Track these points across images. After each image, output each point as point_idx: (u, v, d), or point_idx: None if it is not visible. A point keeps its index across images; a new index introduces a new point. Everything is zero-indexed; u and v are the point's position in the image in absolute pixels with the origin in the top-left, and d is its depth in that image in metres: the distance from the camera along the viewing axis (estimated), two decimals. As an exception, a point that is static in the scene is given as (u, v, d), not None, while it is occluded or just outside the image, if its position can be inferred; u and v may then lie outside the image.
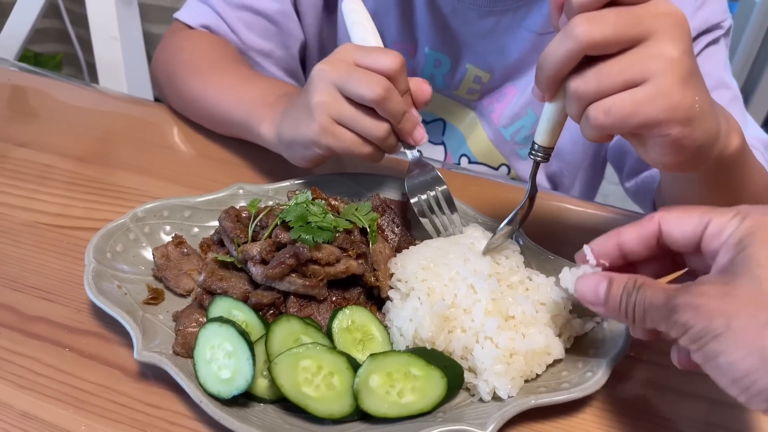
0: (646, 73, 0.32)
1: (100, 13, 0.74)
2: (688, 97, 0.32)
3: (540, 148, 0.38)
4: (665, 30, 0.32)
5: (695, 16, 0.52)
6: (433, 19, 0.56)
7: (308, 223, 0.40)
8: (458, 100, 0.60)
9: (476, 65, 0.57)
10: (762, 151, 0.52)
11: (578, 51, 0.32)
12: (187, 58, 0.57)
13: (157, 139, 0.61)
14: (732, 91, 0.53)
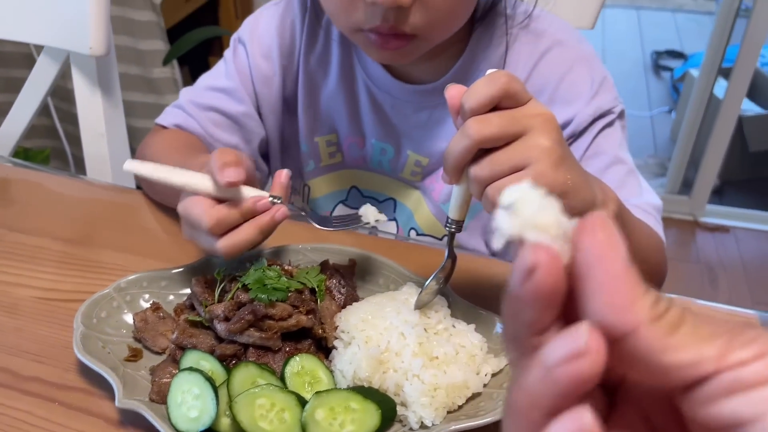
0: (527, 160, 0.41)
1: (88, 112, 0.83)
2: (560, 176, 0.41)
3: (453, 222, 0.47)
4: (538, 126, 0.41)
5: (590, 105, 0.61)
6: (376, 115, 0.66)
7: (265, 285, 0.48)
8: (404, 182, 0.69)
9: (416, 152, 0.66)
10: (655, 216, 0.61)
11: (473, 146, 0.41)
12: (155, 150, 0.65)
13: (138, 222, 0.69)
14: (627, 166, 0.62)
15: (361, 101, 0.66)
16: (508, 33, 0.62)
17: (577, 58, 0.62)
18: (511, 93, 0.41)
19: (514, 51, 0.63)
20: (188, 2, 1.65)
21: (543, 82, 0.62)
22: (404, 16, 0.52)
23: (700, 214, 2.02)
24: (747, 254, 1.89)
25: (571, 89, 0.61)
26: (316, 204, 0.73)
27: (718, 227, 1.99)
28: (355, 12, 0.53)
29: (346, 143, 0.69)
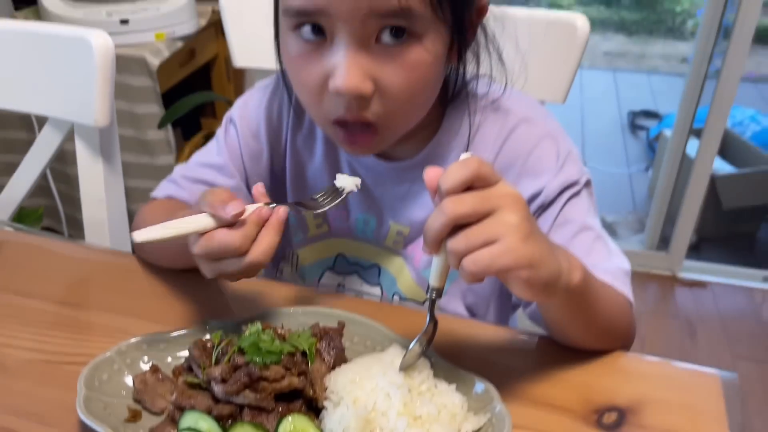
0: (497, 235, 0.45)
1: (89, 179, 0.87)
2: (528, 249, 0.46)
3: (434, 289, 0.52)
4: (507, 205, 0.46)
5: (557, 178, 0.66)
6: (360, 191, 0.70)
7: (259, 348, 0.51)
8: (388, 249, 0.73)
9: (397, 222, 0.71)
10: (623, 279, 0.64)
11: (449, 223, 0.46)
12: (148, 216, 0.70)
13: (134, 285, 0.72)
14: (595, 232, 0.66)
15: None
16: (474, 113, 0.67)
17: (543, 134, 0.67)
18: (482, 176, 0.46)
19: (484, 129, 0.68)
20: (183, 68, 1.72)
21: (512, 157, 0.67)
22: (366, 104, 0.57)
23: (678, 269, 2.08)
24: (724, 309, 1.94)
25: (539, 163, 0.66)
26: (304, 271, 0.77)
27: (695, 282, 2.05)
28: (323, 103, 0.58)
29: (332, 215, 0.73)
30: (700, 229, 2.25)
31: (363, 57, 0.54)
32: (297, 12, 0.55)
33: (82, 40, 0.79)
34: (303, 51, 0.57)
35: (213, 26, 1.80)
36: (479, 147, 0.68)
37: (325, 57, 0.56)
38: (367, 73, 0.55)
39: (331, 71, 0.55)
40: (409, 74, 0.56)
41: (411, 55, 0.55)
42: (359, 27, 0.53)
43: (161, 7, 1.57)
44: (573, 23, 0.84)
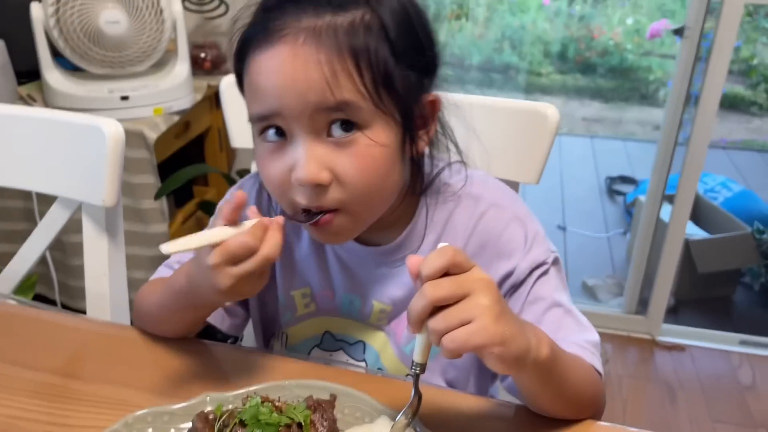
0: (472, 316, 0.52)
1: (93, 254, 0.92)
2: (500, 328, 0.52)
3: (417, 365, 0.57)
4: (480, 289, 0.53)
5: (526, 258, 0.71)
6: (344, 272, 0.76)
7: (259, 420, 0.56)
8: (372, 326, 0.78)
9: (380, 301, 0.76)
10: (592, 351, 0.70)
11: (429, 305, 0.52)
12: (145, 295, 0.76)
13: (137, 357, 0.76)
14: (564, 308, 0.71)
15: (329, 261, 0.77)
16: (447, 201, 0.74)
17: (511, 217, 0.73)
18: (457, 263, 0.53)
19: (456, 215, 0.74)
20: (178, 139, 1.79)
21: (484, 240, 0.73)
22: (325, 193, 0.63)
23: (656, 333, 2.13)
24: (703, 372, 1.99)
25: (509, 245, 0.72)
26: (293, 349, 0.82)
27: (674, 346, 2.10)
28: (288, 195, 0.65)
29: (319, 296, 0.78)
30: (678, 293, 2.32)
31: (318, 150, 0.62)
32: (258, 117, 0.64)
33: (95, 128, 0.85)
34: (268, 151, 0.65)
35: (208, 99, 1.89)
36: (452, 232, 0.74)
37: (287, 153, 0.63)
38: (323, 163, 0.62)
39: (293, 165, 0.63)
40: (361, 162, 0.63)
41: (360, 144, 0.62)
42: (310, 123, 0.61)
43: (160, 84, 1.65)
44: (544, 112, 0.92)
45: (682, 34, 1.83)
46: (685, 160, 1.95)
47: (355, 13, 0.61)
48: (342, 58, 0.60)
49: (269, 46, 0.61)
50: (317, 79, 0.59)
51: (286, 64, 0.60)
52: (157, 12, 1.58)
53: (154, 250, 1.69)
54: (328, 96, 0.60)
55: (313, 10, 0.60)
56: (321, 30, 0.60)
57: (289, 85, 0.60)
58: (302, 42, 0.60)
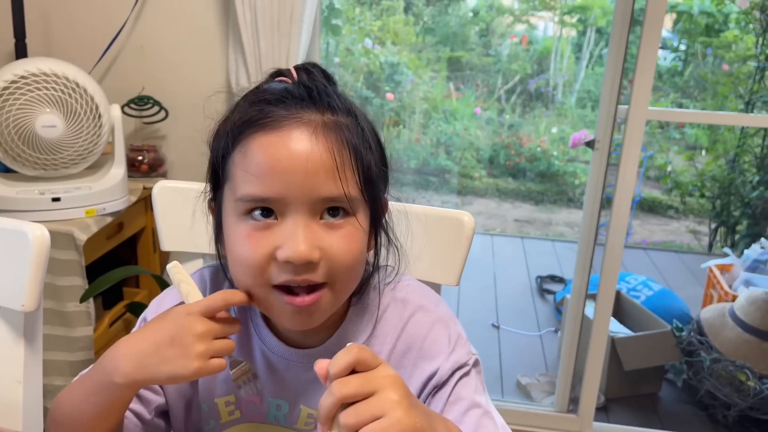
0: (383, 411, 0.54)
1: (8, 361, 0.88)
2: (411, 420, 0.54)
3: None
4: (388, 385, 0.55)
5: (449, 360, 0.74)
6: (272, 376, 0.77)
7: None
8: (299, 431, 0.78)
9: (307, 406, 0.77)
10: None
11: (337, 402, 0.54)
12: (62, 399, 0.72)
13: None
14: (483, 409, 0.73)
15: (258, 365, 0.77)
16: (378, 305, 0.77)
17: (436, 320, 0.76)
18: (362, 360, 0.55)
19: (385, 317, 0.77)
20: (109, 240, 1.78)
21: (410, 341, 0.76)
22: (314, 268, 0.65)
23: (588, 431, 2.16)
24: (633, 470, 2.01)
25: (433, 347, 0.75)
26: None
27: (605, 444, 2.12)
28: (267, 273, 0.66)
29: (245, 403, 0.78)
30: (607, 391, 2.37)
31: (311, 231, 0.65)
32: (253, 199, 0.65)
33: (19, 232, 0.86)
34: (251, 229, 0.66)
35: (143, 201, 1.90)
36: (381, 334, 0.76)
37: (274, 232, 0.65)
38: (314, 242, 0.65)
39: (281, 244, 0.64)
40: (348, 242, 0.67)
41: (348, 227, 0.67)
42: (309, 208, 0.65)
43: (94, 186, 1.66)
44: (461, 219, 0.99)
45: (593, 146, 1.99)
46: (603, 259, 2.07)
47: (348, 118, 0.68)
48: (346, 151, 0.65)
49: (275, 131, 0.64)
50: (329, 169, 0.64)
51: (298, 150, 0.63)
52: (96, 117, 1.62)
53: (77, 355, 1.63)
54: (337, 188, 0.64)
55: (315, 108, 0.66)
56: (328, 124, 0.65)
57: (299, 171, 0.63)
58: (313, 131, 0.64)
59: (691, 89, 4.94)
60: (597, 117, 1.98)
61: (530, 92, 5.23)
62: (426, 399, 0.74)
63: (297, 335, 0.76)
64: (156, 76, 1.97)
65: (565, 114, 5.29)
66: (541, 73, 5.29)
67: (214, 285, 0.81)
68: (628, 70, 1.90)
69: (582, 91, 5.27)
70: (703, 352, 2.41)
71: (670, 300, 2.80)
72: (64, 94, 1.56)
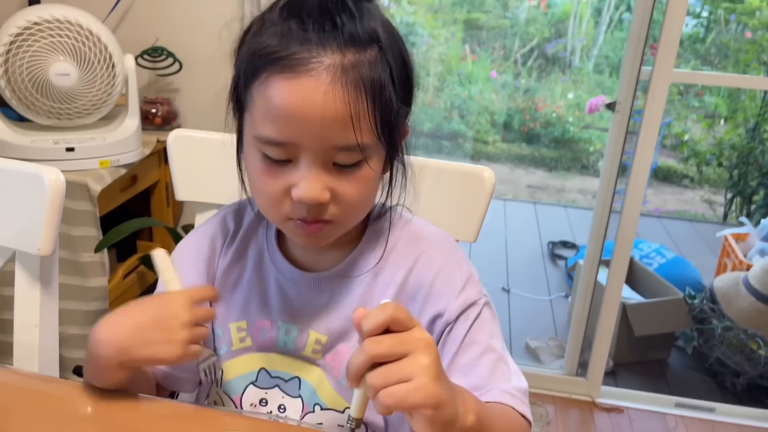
0: (411, 374, 0.53)
1: (25, 304, 0.89)
2: (437, 389, 0.53)
3: (353, 420, 0.58)
4: (420, 348, 0.54)
5: (459, 298, 0.74)
6: (283, 302, 0.78)
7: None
8: (306, 360, 0.78)
9: (316, 330, 0.77)
10: (522, 398, 0.71)
11: (368, 361, 0.53)
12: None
13: (64, 412, 0.74)
14: (497, 353, 0.73)
15: (270, 290, 0.78)
16: (391, 234, 0.78)
17: (449, 257, 0.76)
18: (398, 320, 0.54)
19: (398, 249, 0.77)
20: (123, 192, 1.78)
21: (421, 277, 0.75)
22: (324, 209, 0.67)
23: (596, 395, 2.17)
24: (640, 434, 2.03)
25: (444, 284, 0.74)
26: (228, 386, 0.81)
27: (613, 408, 2.13)
28: (283, 206, 0.68)
29: (256, 328, 0.79)
30: (616, 356, 2.38)
31: (322, 175, 0.65)
32: (269, 141, 0.65)
33: (35, 175, 0.85)
34: (268, 167, 0.67)
35: (157, 154, 1.90)
36: (392, 263, 0.77)
37: (289, 173, 0.66)
38: (325, 185, 0.65)
39: (295, 183, 0.65)
40: (359, 186, 0.67)
41: (360, 172, 0.67)
42: (321, 154, 0.65)
43: (108, 137, 1.65)
44: (481, 175, 0.97)
45: (614, 109, 1.95)
46: (618, 226, 2.05)
47: (371, 52, 0.64)
48: (362, 98, 0.63)
49: (294, 76, 0.62)
50: (343, 120, 0.63)
51: (315, 100, 0.62)
52: (109, 66, 1.60)
53: (92, 305, 1.64)
54: (350, 138, 0.63)
55: (337, 45, 0.62)
56: (347, 68, 0.62)
57: (315, 121, 0.62)
58: (330, 80, 0.62)
59: (712, 56, 4.83)
60: (614, 83, 1.95)
61: (547, 56, 5.12)
62: (437, 339, 0.74)
63: (309, 259, 0.77)
64: (170, 27, 1.94)
65: (582, 80, 5.20)
66: (559, 37, 5.18)
67: (236, 222, 0.82)
68: (650, 37, 1.84)
69: (600, 57, 5.16)
70: (715, 319, 2.41)
71: (683, 268, 2.79)
72: (77, 42, 1.53)
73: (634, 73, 1.87)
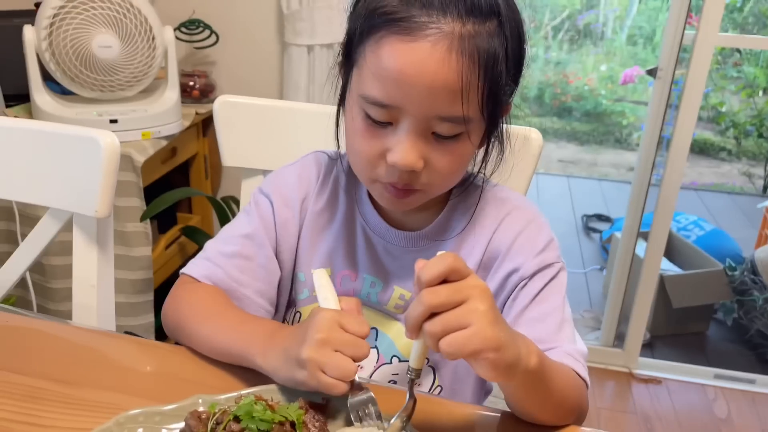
0: (469, 320, 0.53)
1: (83, 265, 0.92)
2: (495, 333, 0.54)
3: (413, 370, 0.59)
4: (476, 295, 0.54)
5: (537, 258, 0.74)
6: (370, 255, 0.79)
7: (253, 417, 0.56)
8: (387, 314, 0.80)
9: (401, 287, 0.78)
10: (582, 362, 0.71)
11: (426, 311, 0.54)
12: (191, 310, 0.74)
13: (126, 363, 0.76)
14: (564, 315, 0.74)
15: (358, 242, 0.79)
16: (478, 196, 0.78)
17: (531, 220, 0.77)
18: (455, 269, 0.55)
19: (484, 211, 0.78)
20: (164, 164, 1.81)
21: (504, 237, 0.76)
22: (416, 177, 0.68)
23: (633, 366, 2.16)
24: (679, 404, 2.01)
25: (525, 243, 0.75)
26: None
27: (651, 379, 2.12)
28: (376, 168, 0.69)
29: (339, 276, 0.80)
30: (653, 328, 2.36)
31: (420, 142, 0.66)
32: (374, 101, 0.65)
33: (91, 139, 0.87)
34: (368, 127, 0.67)
35: (195, 127, 1.92)
36: (478, 226, 0.78)
37: (387, 136, 0.67)
38: (421, 154, 0.66)
39: (392, 147, 0.66)
40: (455, 159, 0.68)
41: (458, 145, 0.67)
42: (423, 122, 0.65)
43: (149, 109, 1.67)
44: (528, 135, 0.96)
45: (655, 75, 1.91)
46: (658, 199, 2.02)
47: (490, 24, 0.63)
48: (475, 71, 0.62)
49: (410, 38, 0.62)
50: (453, 91, 0.62)
51: (427, 67, 0.61)
52: (150, 39, 1.61)
53: (137, 273, 1.68)
54: (456, 110, 0.63)
55: (458, 13, 0.62)
56: (465, 38, 0.62)
57: (424, 88, 0.62)
58: (448, 47, 0.61)
59: (750, 26, 4.68)
60: (649, 54, 1.91)
61: (578, 28, 5.02)
62: (509, 294, 0.75)
63: (399, 216, 0.78)
64: (207, 0, 1.95)
65: (615, 51, 5.08)
66: (591, 8, 5.06)
67: (328, 170, 0.83)
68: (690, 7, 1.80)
69: (633, 27, 5.03)
70: (756, 291, 2.37)
71: (722, 240, 2.74)
72: (118, 14, 1.55)
73: (678, 37, 1.82)
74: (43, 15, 1.51)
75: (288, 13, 1.82)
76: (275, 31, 1.93)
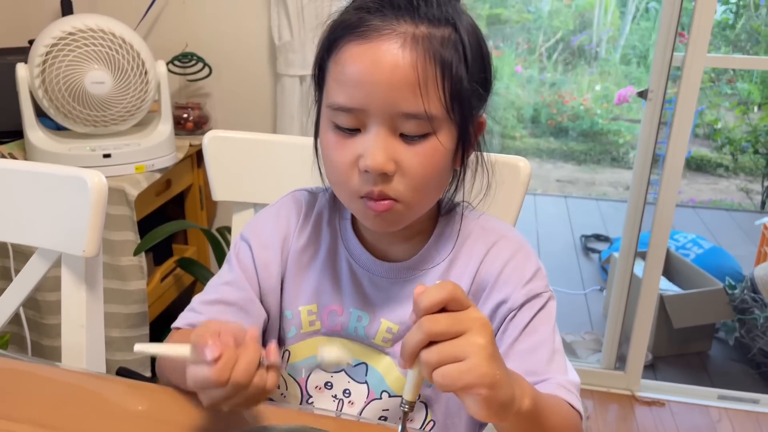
0: (466, 353, 0.52)
1: (71, 305, 0.91)
2: (492, 370, 0.53)
3: (406, 402, 0.57)
4: (477, 328, 0.53)
5: (524, 288, 0.74)
6: (355, 288, 0.78)
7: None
8: (375, 348, 0.79)
9: (388, 319, 0.78)
10: (575, 393, 0.71)
11: (426, 339, 0.53)
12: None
13: (114, 407, 0.75)
14: (555, 346, 0.73)
15: (342, 275, 0.79)
16: (462, 227, 0.78)
17: (518, 249, 0.77)
18: (455, 298, 0.54)
19: (470, 241, 0.78)
20: (158, 196, 1.81)
21: (492, 267, 0.76)
22: (389, 182, 0.67)
23: (635, 388, 2.14)
24: (683, 427, 1.99)
25: (512, 274, 0.75)
26: (294, 368, 0.81)
27: (654, 401, 2.10)
28: (351, 179, 0.69)
29: (326, 312, 0.79)
30: (655, 349, 2.34)
31: (389, 144, 0.66)
32: (339, 107, 0.67)
33: (78, 178, 0.87)
34: (338, 137, 0.69)
35: (190, 158, 1.92)
36: (465, 256, 0.77)
37: (357, 143, 0.67)
38: (391, 156, 0.66)
39: (362, 153, 0.67)
40: (425, 160, 0.68)
41: (427, 145, 0.67)
42: (389, 122, 0.66)
43: (142, 142, 1.68)
44: (516, 164, 0.96)
45: (646, 96, 1.92)
46: (654, 218, 2.01)
47: (445, 30, 0.66)
48: (432, 68, 0.65)
49: (367, 41, 0.65)
50: (411, 84, 0.64)
51: (384, 63, 0.64)
52: (142, 73, 1.62)
53: (132, 307, 1.67)
54: (418, 105, 0.65)
55: (411, 19, 0.65)
56: (419, 38, 0.65)
57: (383, 83, 0.64)
58: (401, 45, 0.64)
59: (743, 42, 4.72)
60: (643, 73, 1.92)
61: (573, 49, 5.06)
62: (498, 326, 0.74)
63: (384, 247, 0.78)
64: (199, 33, 1.97)
65: (609, 71, 5.12)
66: (584, 29, 5.11)
67: (310, 205, 0.83)
68: (679, 25, 1.81)
69: (627, 47, 5.08)
70: (757, 309, 2.35)
71: (722, 258, 2.73)
72: (111, 50, 1.56)
73: (666, 59, 1.84)
74: (36, 53, 1.52)
75: (279, 44, 1.83)
76: (267, 62, 1.94)
